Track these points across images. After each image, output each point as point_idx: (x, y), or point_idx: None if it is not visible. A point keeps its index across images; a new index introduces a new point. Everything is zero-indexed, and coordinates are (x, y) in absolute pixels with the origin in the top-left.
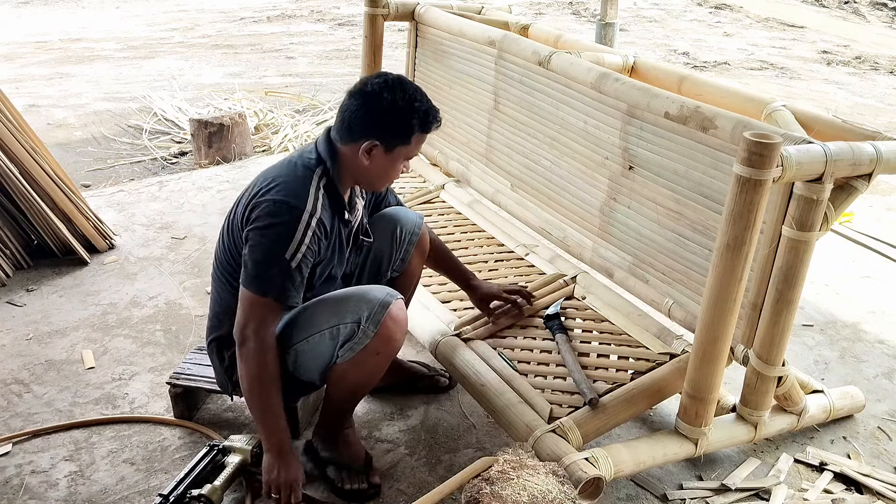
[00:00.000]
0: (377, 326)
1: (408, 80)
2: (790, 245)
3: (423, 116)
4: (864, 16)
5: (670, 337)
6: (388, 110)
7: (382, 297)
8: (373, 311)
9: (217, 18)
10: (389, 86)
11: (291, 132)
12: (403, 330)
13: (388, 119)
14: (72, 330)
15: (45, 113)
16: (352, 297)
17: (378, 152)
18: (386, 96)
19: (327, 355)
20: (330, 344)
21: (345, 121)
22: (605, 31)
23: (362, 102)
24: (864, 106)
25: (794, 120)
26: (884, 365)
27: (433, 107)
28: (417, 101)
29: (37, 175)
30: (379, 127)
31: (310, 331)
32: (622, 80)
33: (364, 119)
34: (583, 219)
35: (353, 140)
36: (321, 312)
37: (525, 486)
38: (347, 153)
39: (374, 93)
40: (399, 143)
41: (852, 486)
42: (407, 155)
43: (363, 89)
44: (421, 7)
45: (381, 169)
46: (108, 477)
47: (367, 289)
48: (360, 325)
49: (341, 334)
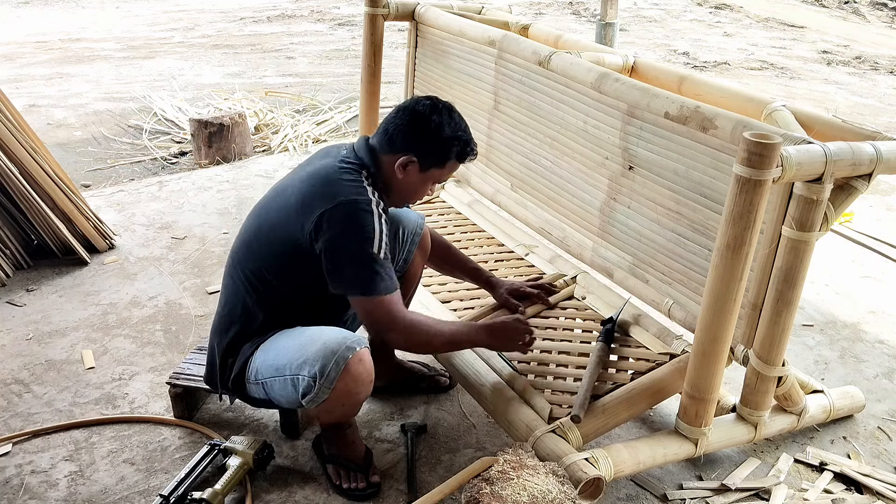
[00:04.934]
0: (332, 385)
1: (455, 110)
2: (790, 245)
3: (463, 146)
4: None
5: (670, 337)
6: (433, 132)
7: (340, 352)
8: (327, 369)
9: (217, 18)
10: (439, 110)
11: (291, 132)
12: (366, 382)
13: (432, 140)
14: (72, 330)
15: (45, 113)
16: (313, 343)
17: (413, 169)
18: (434, 119)
19: (294, 399)
20: (293, 391)
21: (388, 132)
22: (605, 31)
23: (410, 119)
24: (864, 106)
25: (794, 120)
26: (884, 365)
27: (473, 140)
28: (461, 131)
29: (37, 175)
30: (421, 145)
31: (276, 371)
32: (622, 80)
33: (409, 135)
34: (583, 219)
35: (393, 152)
36: (286, 354)
37: (525, 486)
38: (384, 163)
39: (423, 113)
40: (434, 165)
41: (852, 486)
42: (438, 178)
43: (414, 107)
44: (421, 7)
45: (412, 185)
46: (108, 477)
47: (329, 338)
48: (316, 381)
49: (300, 386)
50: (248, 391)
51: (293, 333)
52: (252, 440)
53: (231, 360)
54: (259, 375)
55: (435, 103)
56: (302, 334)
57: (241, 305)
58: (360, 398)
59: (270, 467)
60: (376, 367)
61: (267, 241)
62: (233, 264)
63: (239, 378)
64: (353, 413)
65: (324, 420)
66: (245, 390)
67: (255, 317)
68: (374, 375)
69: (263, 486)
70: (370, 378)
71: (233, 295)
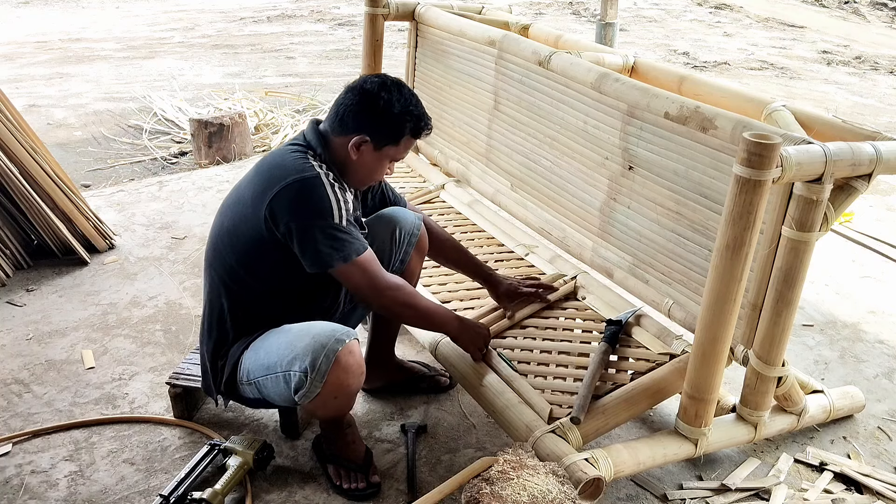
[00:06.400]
0: (323, 378)
1: (405, 85)
2: (790, 245)
3: (415, 121)
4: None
5: (670, 337)
6: (384, 109)
7: (329, 344)
8: (317, 363)
9: (217, 18)
10: (388, 87)
11: (291, 132)
12: (357, 373)
13: (383, 118)
14: (72, 330)
15: (45, 113)
16: (302, 338)
17: (367, 148)
18: (384, 96)
19: (287, 396)
20: (285, 387)
21: (339, 114)
22: (605, 31)
23: (360, 99)
24: (864, 106)
25: (794, 120)
26: (884, 365)
27: (426, 114)
28: (413, 105)
29: (37, 175)
30: (372, 124)
31: (266, 370)
32: (622, 81)
33: (359, 114)
34: (583, 219)
35: (345, 133)
36: (276, 351)
37: (525, 486)
38: (337, 145)
39: (372, 91)
40: (388, 143)
41: (852, 486)
42: (394, 156)
43: (362, 86)
44: (421, 7)
45: (368, 165)
46: (108, 477)
47: (318, 331)
48: (308, 376)
49: (292, 381)
50: (242, 392)
51: (281, 331)
52: (252, 440)
53: (221, 363)
54: (251, 375)
55: (384, 80)
56: (290, 331)
57: (219, 307)
58: (353, 390)
59: (270, 467)
60: (377, 368)
61: (230, 238)
62: (206, 267)
63: (231, 380)
64: (347, 406)
65: (320, 415)
66: (239, 392)
67: (236, 317)
68: (374, 376)
69: (263, 486)
70: (361, 369)
71: (210, 298)
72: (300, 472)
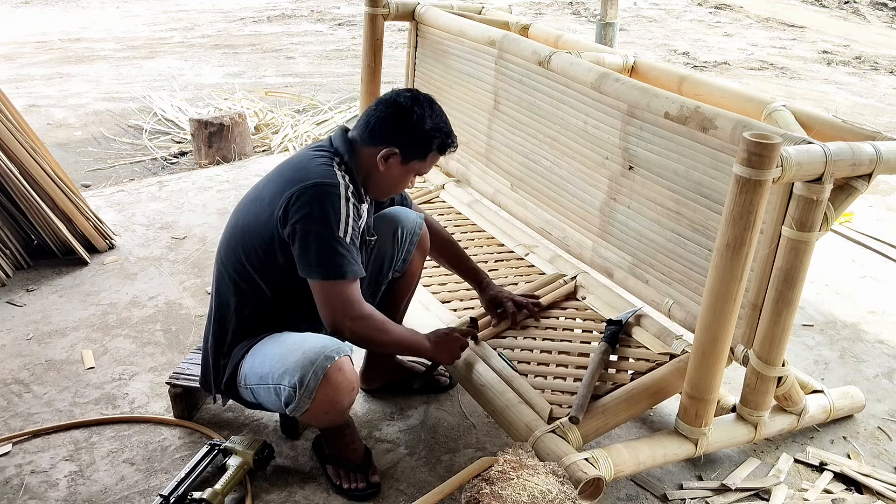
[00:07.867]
0: (312, 395)
1: (436, 102)
2: (790, 245)
3: (444, 138)
4: (864, 16)
5: (670, 337)
6: (415, 124)
7: (319, 361)
8: (306, 380)
9: (217, 18)
10: (420, 102)
11: (291, 132)
12: (347, 390)
13: (414, 132)
14: (72, 330)
15: (45, 113)
16: (293, 353)
17: (395, 161)
18: (416, 111)
19: (279, 407)
20: (277, 399)
21: (370, 124)
22: (605, 31)
23: (392, 112)
24: (864, 106)
25: (794, 120)
26: (884, 365)
27: (453, 133)
28: (443, 123)
29: (37, 175)
30: (403, 137)
31: (260, 379)
32: (622, 81)
33: (391, 127)
34: (583, 219)
35: (374, 143)
36: (269, 362)
37: (525, 486)
38: (366, 154)
39: (405, 105)
40: (416, 158)
41: (852, 486)
42: (419, 171)
43: (395, 99)
44: (421, 7)
45: (394, 178)
46: (108, 477)
47: (309, 347)
48: (297, 392)
49: (282, 395)
50: (240, 394)
51: (279, 339)
52: (252, 440)
53: (224, 361)
54: (247, 381)
55: (416, 95)
56: (284, 342)
57: (226, 305)
58: (343, 406)
59: (270, 467)
60: (376, 368)
61: (245, 236)
62: (216, 263)
63: (231, 381)
64: (339, 419)
65: (314, 425)
66: (238, 393)
67: (242, 317)
68: (374, 376)
69: (263, 486)
70: (351, 386)
71: (219, 295)
72: (300, 472)
